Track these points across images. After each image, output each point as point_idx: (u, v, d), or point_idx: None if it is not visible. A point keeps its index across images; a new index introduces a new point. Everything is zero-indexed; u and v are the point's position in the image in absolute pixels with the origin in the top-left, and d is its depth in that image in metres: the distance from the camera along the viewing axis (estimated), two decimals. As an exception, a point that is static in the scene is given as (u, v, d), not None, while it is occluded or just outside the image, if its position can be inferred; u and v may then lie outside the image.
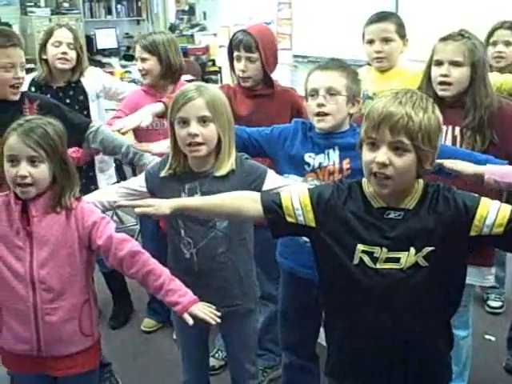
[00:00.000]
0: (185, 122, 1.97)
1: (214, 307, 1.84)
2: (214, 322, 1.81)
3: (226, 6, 8.61)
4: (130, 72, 6.28)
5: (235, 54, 2.66)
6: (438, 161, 1.92)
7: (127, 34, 10.60)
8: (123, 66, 7.29)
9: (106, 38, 9.83)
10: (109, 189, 2.19)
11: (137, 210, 1.82)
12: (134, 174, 4.13)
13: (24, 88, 2.76)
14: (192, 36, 8.71)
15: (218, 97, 2.01)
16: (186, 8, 9.31)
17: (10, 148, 1.79)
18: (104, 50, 9.58)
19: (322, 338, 2.48)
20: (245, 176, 2.02)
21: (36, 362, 1.94)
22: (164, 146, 2.20)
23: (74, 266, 1.87)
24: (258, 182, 2.02)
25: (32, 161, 1.78)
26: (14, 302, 1.87)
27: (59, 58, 3.05)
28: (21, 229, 1.83)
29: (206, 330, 2.25)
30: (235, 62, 2.67)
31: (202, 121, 1.96)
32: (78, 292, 1.90)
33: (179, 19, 9.40)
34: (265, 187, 2.00)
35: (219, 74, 7.91)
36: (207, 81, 6.91)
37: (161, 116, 2.64)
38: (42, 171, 1.80)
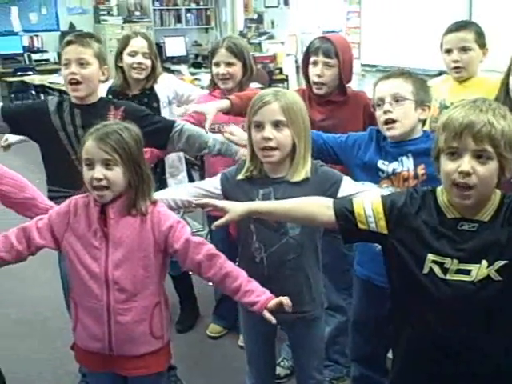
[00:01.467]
0: (259, 126, 1.98)
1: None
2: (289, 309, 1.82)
3: (294, 14, 8.63)
4: (199, 79, 6.36)
5: (312, 59, 2.64)
6: None
7: (196, 41, 10.81)
8: (192, 74, 7.41)
9: (174, 46, 10.05)
10: (182, 188, 2.21)
11: (213, 226, 1.89)
12: (202, 178, 4.21)
13: (103, 95, 2.84)
14: (259, 44, 8.79)
15: (295, 102, 2.01)
16: (255, 17, 9.39)
17: (86, 152, 1.85)
18: (173, 57, 9.78)
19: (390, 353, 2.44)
20: (320, 183, 2.02)
21: (107, 360, 1.97)
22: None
23: (147, 269, 1.90)
24: (334, 189, 2.01)
25: (107, 164, 1.83)
26: (88, 300, 1.91)
27: (134, 68, 3.10)
28: (98, 230, 1.87)
29: (273, 336, 2.25)
30: (311, 68, 2.65)
31: (276, 125, 1.97)
32: (149, 294, 1.92)
33: (247, 27, 9.50)
34: (340, 194, 1.99)
35: (286, 82, 7.93)
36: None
37: (226, 113, 2.66)
38: (117, 174, 1.83)
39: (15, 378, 2.89)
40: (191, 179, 4.02)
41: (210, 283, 3.72)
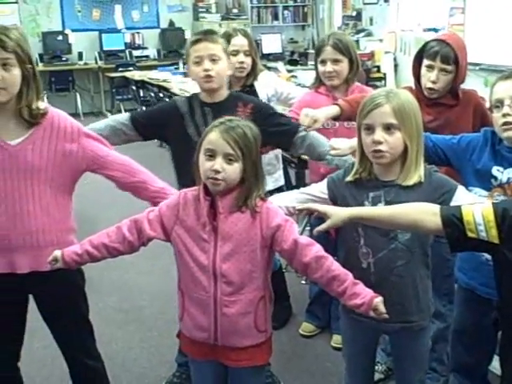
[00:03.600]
0: (370, 129, 1.93)
1: None
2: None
3: (394, 11, 8.46)
4: (295, 77, 6.35)
5: (427, 62, 2.54)
6: None
7: (292, 39, 10.82)
8: (289, 71, 7.41)
9: (271, 43, 10.10)
10: (288, 194, 2.19)
11: (315, 231, 1.88)
12: (298, 178, 4.20)
13: None
14: (357, 41, 8.66)
15: (408, 103, 1.94)
16: (353, 14, 9.28)
17: (209, 142, 1.87)
18: (269, 54, 9.82)
19: (492, 366, 2.34)
20: (433, 189, 1.93)
21: (212, 350, 2.00)
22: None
23: (254, 263, 1.91)
24: (446, 197, 1.91)
25: (228, 158, 1.84)
26: (196, 291, 1.94)
27: (237, 68, 3.10)
28: (207, 223, 1.89)
29: (374, 345, 2.20)
30: (424, 71, 2.55)
31: (387, 128, 1.90)
32: (255, 288, 1.93)
33: (345, 24, 9.40)
34: (452, 203, 1.89)
35: (384, 81, 7.78)
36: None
37: (335, 118, 2.62)
38: (235, 169, 1.85)
39: (113, 363, 3.00)
40: (287, 177, 4.03)
41: (303, 281, 3.76)
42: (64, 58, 9.91)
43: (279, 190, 3.29)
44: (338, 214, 1.82)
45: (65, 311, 2.21)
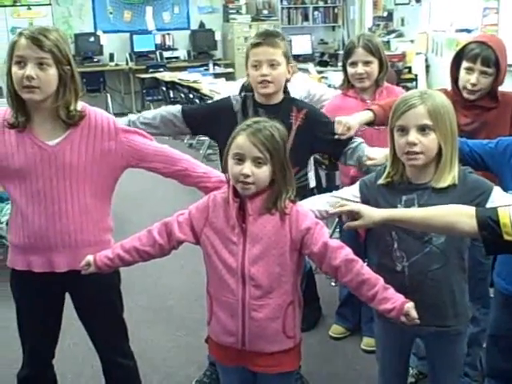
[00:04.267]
0: (404, 130, 1.90)
1: None
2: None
3: (426, 11, 8.38)
4: (326, 78, 6.32)
5: (467, 65, 2.50)
6: None
7: (322, 40, 10.80)
8: (319, 72, 7.39)
9: (301, 44, 10.09)
10: (320, 198, 2.17)
11: (345, 226, 1.87)
12: (328, 180, 4.18)
13: (235, 93, 2.86)
14: (388, 42, 8.61)
15: (442, 104, 1.91)
16: (384, 14, 9.22)
17: (237, 146, 1.86)
18: (299, 55, 9.81)
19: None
20: (468, 191, 1.90)
21: (239, 355, 1.98)
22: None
23: (283, 267, 1.89)
24: (482, 199, 1.87)
25: (257, 161, 1.83)
26: (224, 294, 1.93)
27: None
28: (236, 225, 1.88)
29: (409, 348, 2.18)
30: (464, 73, 2.52)
31: (422, 129, 1.87)
32: (284, 293, 1.91)
33: (375, 25, 9.34)
34: (489, 205, 1.85)
35: (415, 82, 7.71)
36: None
37: (369, 124, 2.60)
38: (264, 172, 1.84)
39: (142, 362, 2.95)
40: (318, 179, 4.01)
41: (333, 283, 3.74)
42: (95, 59, 10.04)
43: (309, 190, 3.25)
44: (371, 215, 1.80)
45: (101, 310, 2.22)
